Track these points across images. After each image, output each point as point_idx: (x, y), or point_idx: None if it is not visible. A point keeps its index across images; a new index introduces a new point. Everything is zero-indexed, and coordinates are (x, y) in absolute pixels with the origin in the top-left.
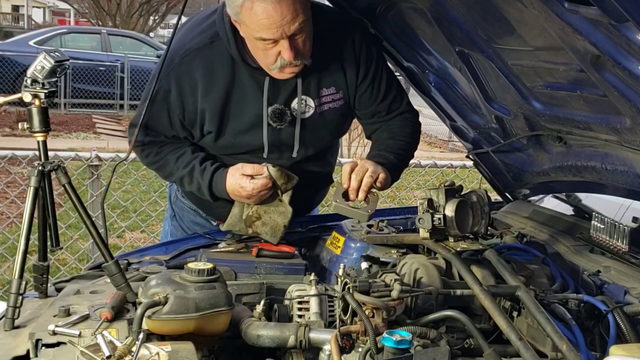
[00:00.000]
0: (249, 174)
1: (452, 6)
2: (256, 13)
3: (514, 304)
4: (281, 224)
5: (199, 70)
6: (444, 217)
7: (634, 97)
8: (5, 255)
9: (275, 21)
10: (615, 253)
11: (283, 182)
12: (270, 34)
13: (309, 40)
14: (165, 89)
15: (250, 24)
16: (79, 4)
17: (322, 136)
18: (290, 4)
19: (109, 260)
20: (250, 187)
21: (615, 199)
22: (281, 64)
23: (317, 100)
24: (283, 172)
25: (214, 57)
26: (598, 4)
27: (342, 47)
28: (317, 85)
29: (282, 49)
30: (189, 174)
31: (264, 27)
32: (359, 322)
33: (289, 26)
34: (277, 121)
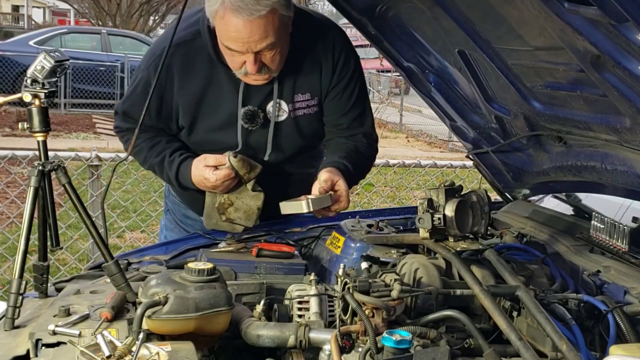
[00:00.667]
0: (212, 165)
1: (452, 6)
2: (226, 23)
3: (513, 304)
4: (254, 206)
5: (177, 64)
6: (443, 217)
7: (634, 97)
8: (5, 255)
9: (242, 37)
10: (615, 253)
11: (245, 171)
12: (235, 46)
13: (279, 56)
14: (145, 79)
15: (220, 31)
16: (79, 4)
17: (296, 141)
18: (261, 25)
19: (109, 260)
20: (214, 178)
21: (615, 199)
22: (244, 72)
23: (291, 105)
24: (245, 162)
25: (193, 54)
26: (598, 4)
27: (321, 55)
28: (292, 90)
29: (247, 61)
30: (159, 164)
31: (230, 39)
32: (359, 322)
33: (255, 44)
34: (249, 122)
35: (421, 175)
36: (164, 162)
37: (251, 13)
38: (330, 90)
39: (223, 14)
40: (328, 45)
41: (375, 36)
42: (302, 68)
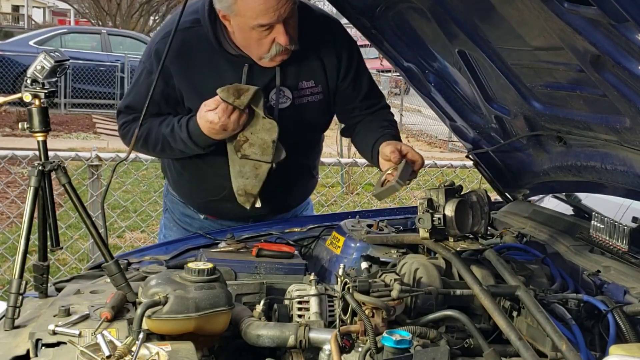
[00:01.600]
0: (213, 108)
1: (452, 6)
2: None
3: (513, 303)
4: (269, 139)
5: (175, 51)
6: (443, 217)
7: (634, 97)
8: (5, 255)
9: (273, 4)
10: (615, 253)
11: (234, 98)
12: (267, 18)
13: (296, 24)
14: (147, 69)
15: (247, 12)
16: (79, 4)
17: (299, 129)
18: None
19: (109, 260)
20: (216, 118)
21: (615, 199)
22: (276, 50)
23: (296, 92)
24: (231, 89)
25: (191, 41)
26: (598, 4)
27: (323, 45)
28: (296, 77)
29: (277, 35)
30: (171, 133)
31: (261, 13)
32: (358, 322)
33: (284, 8)
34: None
35: (421, 175)
36: (174, 129)
37: None
38: (341, 82)
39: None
40: (328, 35)
41: (375, 36)
42: (304, 55)
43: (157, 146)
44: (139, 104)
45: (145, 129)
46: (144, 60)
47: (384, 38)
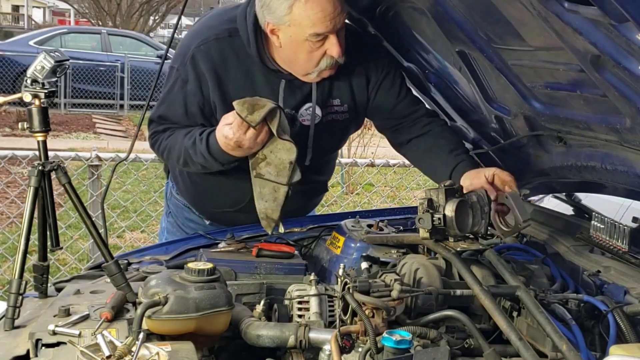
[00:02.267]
0: (230, 122)
1: (452, 6)
2: (311, 7)
3: (514, 304)
4: (287, 160)
5: (213, 60)
6: (443, 217)
7: (634, 97)
8: (5, 255)
9: (329, 12)
10: (615, 253)
11: (247, 113)
12: (324, 27)
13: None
14: (182, 78)
15: (303, 21)
16: (79, 4)
17: (325, 145)
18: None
19: (109, 260)
20: (231, 133)
21: (615, 199)
22: (326, 64)
23: (325, 110)
24: (245, 103)
25: (229, 51)
26: (598, 4)
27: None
28: (328, 95)
29: (330, 46)
30: (193, 146)
31: (318, 21)
32: (359, 322)
33: (339, 17)
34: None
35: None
36: (195, 142)
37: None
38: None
39: (305, 1)
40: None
41: (375, 36)
42: (338, 74)
43: (179, 159)
44: (173, 114)
45: (171, 141)
46: (177, 66)
47: (384, 38)
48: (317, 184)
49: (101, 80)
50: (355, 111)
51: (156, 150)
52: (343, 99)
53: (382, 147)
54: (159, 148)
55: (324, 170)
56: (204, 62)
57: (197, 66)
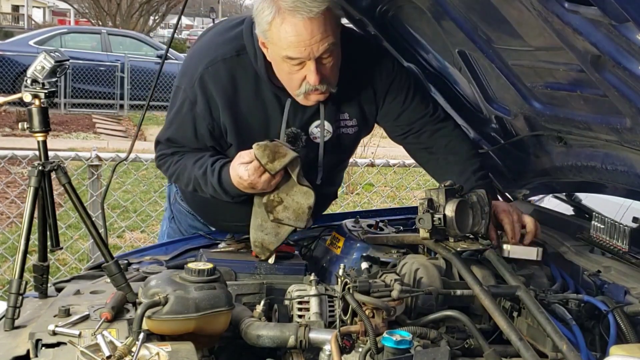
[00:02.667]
0: (246, 161)
1: (452, 6)
2: (285, 30)
3: (514, 304)
4: (305, 205)
5: (223, 81)
6: (444, 217)
7: (634, 97)
8: (5, 255)
9: (304, 39)
10: (615, 253)
11: (267, 160)
12: (297, 52)
13: (336, 67)
14: (190, 100)
15: (278, 42)
16: (79, 4)
17: (336, 160)
18: (321, 24)
19: (109, 260)
20: (246, 174)
21: (615, 199)
22: (306, 89)
23: (335, 125)
24: (267, 149)
25: (238, 70)
26: (598, 4)
27: (359, 76)
28: (337, 111)
29: (307, 72)
30: (203, 176)
31: (292, 45)
32: (359, 322)
33: (317, 46)
34: (290, 145)
35: (421, 175)
36: (206, 172)
37: (310, 10)
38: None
39: (281, 20)
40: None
41: (375, 36)
42: (343, 89)
43: (188, 185)
44: (182, 137)
45: (180, 166)
46: (184, 87)
47: (383, 38)
48: (328, 195)
49: (101, 80)
50: (365, 123)
51: (164, 171)
52: (352, 114)
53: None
54: (166, 171)
55: (335, 181)
56: (214, 84)
57: (206, 88)
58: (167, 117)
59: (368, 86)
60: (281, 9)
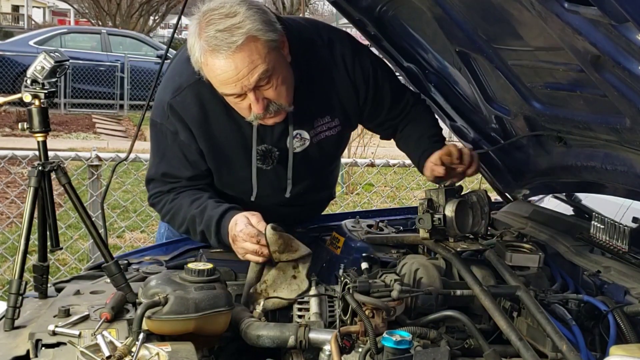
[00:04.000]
0: (254, 235)
1: (452, 6)
2: (212, 69)
3: (514, 304)
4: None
5: (192, 107)
6: (443, 217)
7: (634, 97)
8: (5, 255)
9: (230, 75)
10: (615, 253)
11: (276, 249)
12: (230, 89)
13: (284, 87)
14: (171, 130)
15: (211, 80)
16: (79, 4)
17: (319, 166)
18: (244, 57)
19: (108, 260)
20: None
21: (615, 199)
22: (255, 117)
23: (313, 132)
24: (280, 239)
25: (204, 94)
26: (598, 5)
27: (333, 76)
28: (311, 117)
29: (251, 102)
30: (201, 213)
31: (221, 83)
32: (359, 322)
33: (246, 79)
34: (262, 162)
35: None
36: (205, 210)
37: (229, 47)
38: (363, 105)
39: (206, 60)
40: (338, 61)
41: (375, 36)
42: (316, 92)
43: (182, 226)
44: (177, 169)
45: (175, 205)
46: (159, 121)
47: (383, 38)
48: (322, 198)
49: (101, 80)
50: (348, 120)
51: (158, 210)
52: (333, 114)
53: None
54: (161, 209)
55: (328, 182)
56: (184, 111)
57: (179, 116)
58: (152, 154)
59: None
60: (204, 49)
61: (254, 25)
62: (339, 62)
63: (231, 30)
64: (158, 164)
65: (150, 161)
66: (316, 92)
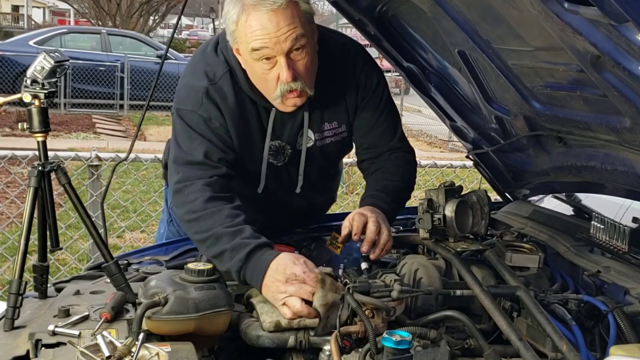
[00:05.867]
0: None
1: (452, 6)
2: (251, 25)
3: (514, 304)
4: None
5: (230, 96)
6: (443, 218)
7: (634, 97)
8: (5, 255)
9: (270, 31)
10: (615, 253)
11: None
12: (264, 44)
13: (311, 68)
14: (204, 117)
15: (245, 38)
16: (79, 4)
17: (322, 168)
18: (287, 16)
19: (108, 260)
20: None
21: (615, 199)
22: (281, 90)
23: (319, 135)
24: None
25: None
26: (598, 5)
27: (344, 79)
28: (320, 120)
29: (280, 70)
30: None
31: (257, 39)
32: (358, 322)
33: (284, 37)
34: (274, 158)
35: (421, 175)
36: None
37: (273, 3)
38: (357, 110)
39: (246, 17)
40: (349, 67)
41: (374, 36)
42: (327, 96)
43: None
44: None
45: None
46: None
47: (383, 38)
48: (323, 203)
49: (101, 80)
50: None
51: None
52: (341, 121)
53: None
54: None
55: (330, 185)
56: (221, 99)
57: (215, 103)
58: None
59: (352, 90)
60: (245, 5)
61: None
62: (350, 67)
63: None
64: (196, 149)
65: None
66: (327, 95)
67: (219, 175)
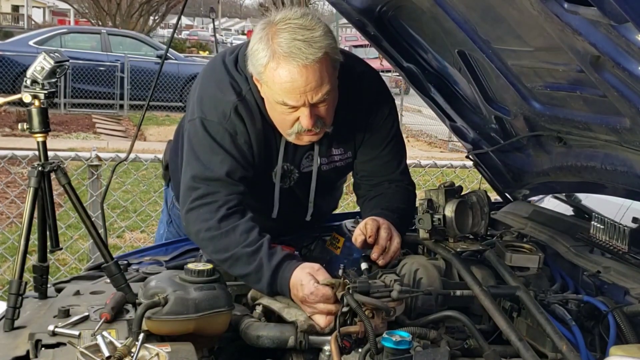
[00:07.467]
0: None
1: (452, 6)
2: (280, 75)
3: (514, 304)
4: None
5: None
6: (443, 218)
7: (633, 97)
8: (5, 255)
9: (299, 86)
10: (615, 253)
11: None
12: (292, 98)
13: (332, 109)
14: (230, 132)
15: (272, 86)
16: (79, 4)
17: (327, 187)
18: (317, 71)
19: (108, 260)
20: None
21: (615, 199)
22: (298, 130)
23: (325, 159)
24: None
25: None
26: (597, 5)
27: (355, 105)
28: (329, 145)
29: (301, 116)
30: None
31: (285, 92)
32: (358, 322)
33: (312, 94)
34: (281, 180)
35: (421, 175)
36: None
37: (306, 57)
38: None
39: (276, 65)
40: (362, 94)
41: (374, 36)
42: (338, 123)
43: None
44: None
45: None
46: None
47: (383, 38)
48: (329, 211)
49: (101, 80)
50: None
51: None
52: (347, 147)
53: None
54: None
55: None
56: (248, 116)
57: (241, 119)
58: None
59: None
60: (276, 53)
61: (330, 42)
62: (363, 95)
63: (310, 43)
64: (219, 163)
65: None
66: (338, 121)
67: (237, 193)
